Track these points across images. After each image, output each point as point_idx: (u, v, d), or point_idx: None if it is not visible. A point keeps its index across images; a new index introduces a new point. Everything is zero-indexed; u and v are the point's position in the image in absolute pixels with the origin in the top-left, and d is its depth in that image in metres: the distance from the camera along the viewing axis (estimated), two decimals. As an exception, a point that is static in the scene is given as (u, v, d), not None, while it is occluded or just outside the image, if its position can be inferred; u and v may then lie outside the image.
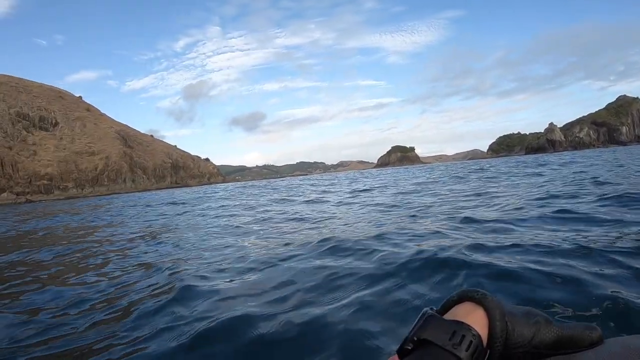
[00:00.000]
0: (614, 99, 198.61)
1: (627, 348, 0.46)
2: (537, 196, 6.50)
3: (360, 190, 13.91)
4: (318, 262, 3.42)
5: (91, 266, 4.56)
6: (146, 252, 5.15)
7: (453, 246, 3.26)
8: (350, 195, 12.15)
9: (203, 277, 3.33)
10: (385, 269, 2.90)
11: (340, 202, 10.32)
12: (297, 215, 7.73)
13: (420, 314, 0.51)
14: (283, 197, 14.31)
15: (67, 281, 3.85)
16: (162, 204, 18.79)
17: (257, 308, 2.41)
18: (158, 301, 2.75)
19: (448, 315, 0.51)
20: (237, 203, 13.90)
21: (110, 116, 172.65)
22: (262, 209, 10.29)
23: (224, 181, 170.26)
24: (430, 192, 10.39)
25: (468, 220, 4.80)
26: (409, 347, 0.47)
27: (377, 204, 8.36)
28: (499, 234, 3.82)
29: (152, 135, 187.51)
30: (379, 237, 4.18)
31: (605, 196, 5.44)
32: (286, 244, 4.51)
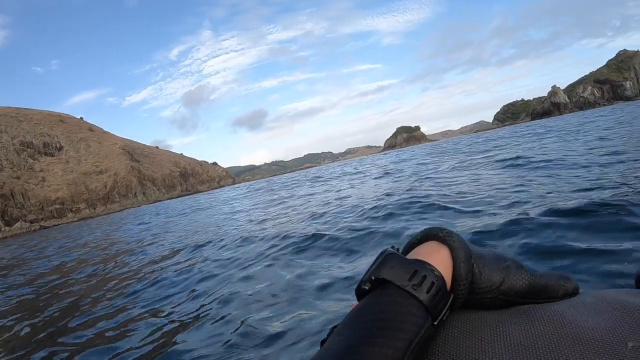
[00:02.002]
0: (614, 55, 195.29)
1: (602, 300, 0.43)
2: None
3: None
4: None
5: None
6: None
7: None
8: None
9: None
10: None
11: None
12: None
13: (380, 252, 0.45)
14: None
15: None
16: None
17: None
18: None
19: (411, 255, 0.45)
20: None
21: (113, 133, 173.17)
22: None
23: (233, 183, 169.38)
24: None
25: None
26: (366, 287, 0.42)
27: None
28: None
29: (157, 147, 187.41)
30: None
31: None
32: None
